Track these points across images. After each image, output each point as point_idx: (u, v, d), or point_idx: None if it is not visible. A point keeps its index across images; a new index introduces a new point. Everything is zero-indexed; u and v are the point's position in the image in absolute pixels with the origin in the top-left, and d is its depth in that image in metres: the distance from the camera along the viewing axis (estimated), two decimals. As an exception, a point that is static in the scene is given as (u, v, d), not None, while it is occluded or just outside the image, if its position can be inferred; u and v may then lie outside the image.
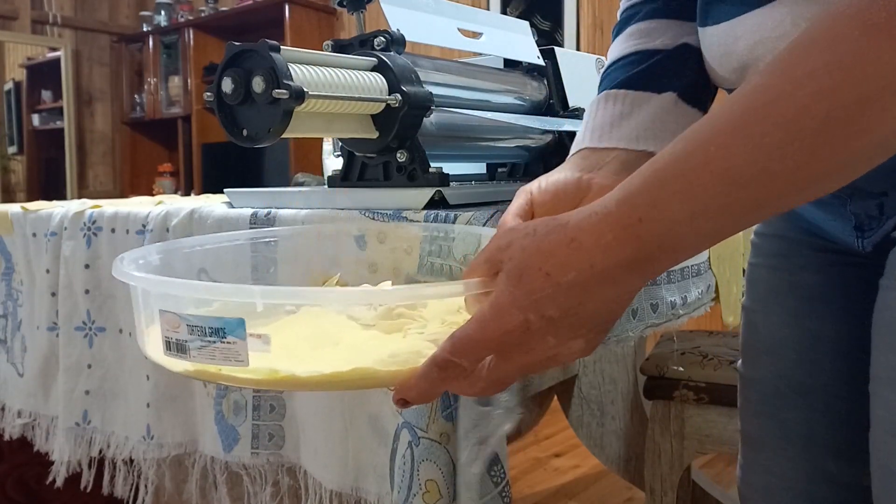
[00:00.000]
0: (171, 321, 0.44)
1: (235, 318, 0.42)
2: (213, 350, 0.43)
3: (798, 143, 0.39)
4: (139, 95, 4.35)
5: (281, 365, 0.45)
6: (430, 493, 0.65)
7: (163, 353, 0.46)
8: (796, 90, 0.39)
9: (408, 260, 0.69)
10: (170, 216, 0.90)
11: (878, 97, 0.38)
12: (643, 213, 0.41)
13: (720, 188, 0.41)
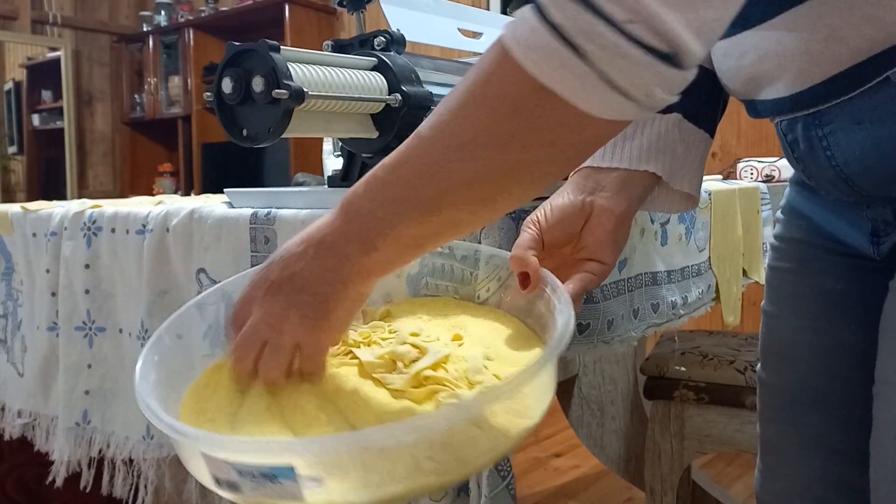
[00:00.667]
0: (217, 464, 0.44)
1: (285, 467, 0.42)
2: (266, 490, 0.43)
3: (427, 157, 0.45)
4: (139, 95, 4.35)
5: (336, 496, 0.45)
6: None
7: (213, 486, 0.46)
8: (456, 94, 0.44)
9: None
10: (170, 216, 0.90)
11: (533, 107, 0.42)
12: (347, 198, 0.48)
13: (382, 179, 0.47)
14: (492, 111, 0.43)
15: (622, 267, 0.81)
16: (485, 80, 0.43)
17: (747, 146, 2.45)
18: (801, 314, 0.70)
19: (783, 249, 0.74)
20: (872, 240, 0.63)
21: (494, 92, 0.42)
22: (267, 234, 0.81)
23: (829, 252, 0.69)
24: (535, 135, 0.43)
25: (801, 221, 0.72)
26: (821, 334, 0.69)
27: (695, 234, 0.99)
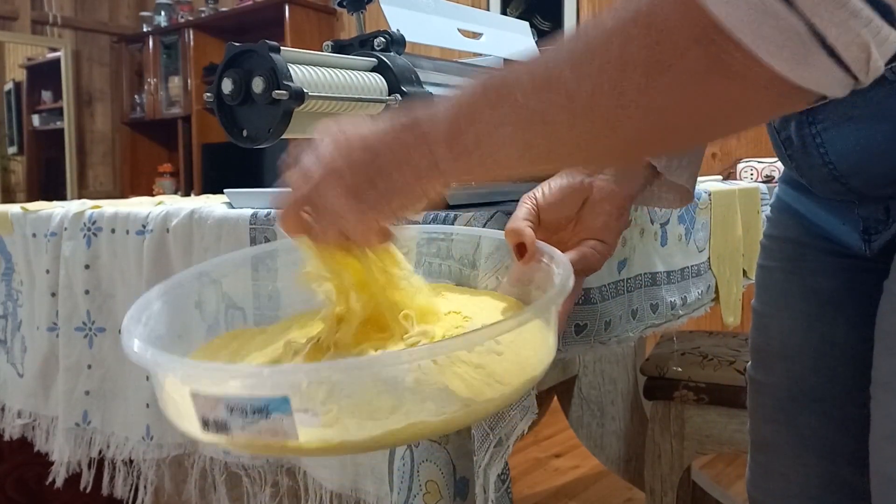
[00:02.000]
0: (206, 402, 0.42)
1: (279, 397, 0.41)
2: (258, 428, 0.41)
3: (574, 105, 0.38)
4: (139, 96, 4.35)
5: (332, 433, 0.43)
6: (430, 494, 0.65)
7: (200, 431, 0.43)
8: (582, 50, 0.38)
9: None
10: (170, 216, 0.90)
11: (666, 63, 0.35)
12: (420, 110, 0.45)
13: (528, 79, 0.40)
14: (649, 57, 0.35)
15: (621, 267, 0.81)
16: (647, 12, 0.34)
17: (747, 147, 2.45)
18: (793, 313, 0.70)
19: (773, 248, 0.73)
20: (864, 238, 0.62)
21: (657, 27, 0.34)
22: (267, 234, 0.81)
23: (821, 251, 0.69)
24: (701, 93, 0.35)
25: (791, 220, 0.71)
26: (814, 333, 0.68)
27: (694, 234, 0.99)
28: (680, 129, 0.38)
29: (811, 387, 0.68)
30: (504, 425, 0.62)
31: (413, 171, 0.45)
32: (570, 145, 0.41)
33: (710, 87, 0.34)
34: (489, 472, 0.62)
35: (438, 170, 0.45)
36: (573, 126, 0.39)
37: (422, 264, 0.68)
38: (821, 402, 0.68)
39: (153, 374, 0.47)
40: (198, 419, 0.43)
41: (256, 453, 0.44)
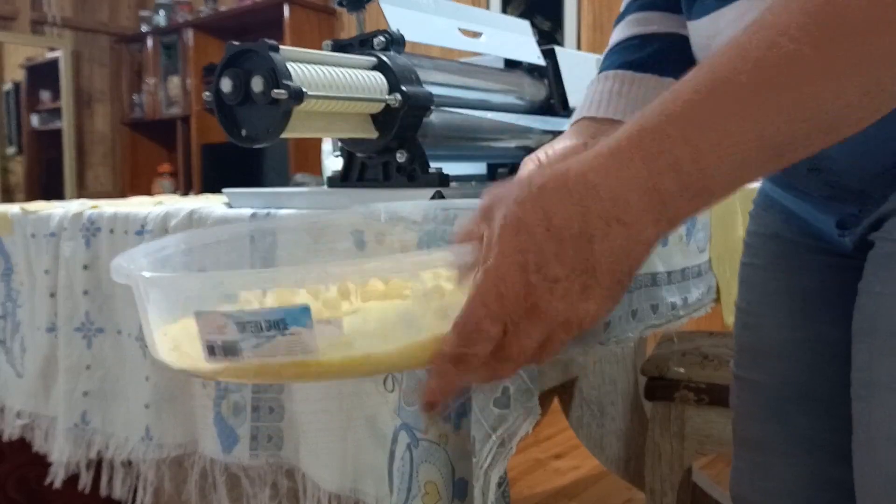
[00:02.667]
0: (212, 321, 0.38)
1: (298, 307, 0.37)
2: (273, 346, 0.37)
3: (825, 26, 0.34)
4: (139, 96, 4.35)
5: (356, 349, 0.39)
6: (429, 495, 0.65)
7: (203, 360, 0.39)
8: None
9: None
10: (169, 217, 0.90)
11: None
12: (653, 128, 0.36)
13: (754, 90, 0.35)
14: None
15: (622, 267, 0.81)
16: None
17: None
18: (778, 311, 0.69)
19: (757, 245, 0.73)
20: (840, 232, 0.62)
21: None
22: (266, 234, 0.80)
23: (804, 248, 0.68)
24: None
25: (774, 215, 0.71)
26: (801, 331, 0.68)
27: (695, 234, 0.98)
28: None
29: (799, 384, 0.68)
30: (507, 426, 0.62)
31: (637, 249, 0.38)
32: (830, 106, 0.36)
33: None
34: (490, 474, 0.62)
35: (662, 215, 0.37)
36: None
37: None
38: (809, 399, 0.68)
39: (145, 299, 0.42)
40: (202, 345, 0.39)
41: (266, 381, 0.40)
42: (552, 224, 0.37)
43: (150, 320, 0.42)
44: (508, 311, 0.38)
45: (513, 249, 0.37)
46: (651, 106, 0.38)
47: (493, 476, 0.62)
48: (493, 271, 0.38)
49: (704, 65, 0.37)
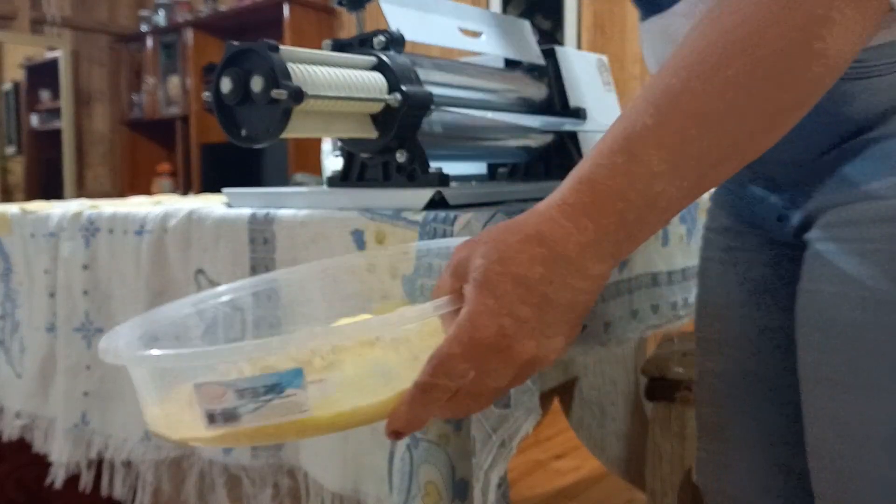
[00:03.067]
0: (212, 391, 0.41)
1: (292, 370, 0.40)
2: (270, 409, 0.40)
3: (760, 70, 0.40)
4: (138, 95, 4.35)
5: (345, 404, 0.42)
6: (429, 496, 0.65)
7: (204, 428, 0.42)
8: (746, 20, 0.41)
9: (405, 260, 0.69)
10: (168, 217, 0.89)
11: (826, 15, 0.39)
12: (596, 194, 0.43)
13: (692, 131, 0.42)
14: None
15: (622, 267, 0.81)
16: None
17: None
18: (731, 302, 0.71)
19: (712, 240, 0.75)
20: (779, 224, 0.65)
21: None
22: (266, 234, 0.80)
23: (753, 239, 0.70)
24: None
25: (726, 210, 0.73)
26: (751, 321, 0.70)
27: (695, 234, 0.98)
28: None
29: (754, 373, 0.70)
30: (507, 427, 0.62)
31: (589, 285, 0.44)
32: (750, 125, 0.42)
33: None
34: (490, 475, 0.62)
35: (610, 256, 0.44)
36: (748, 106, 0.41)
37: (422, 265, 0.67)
38: (763, 388, 0.70)
39: (142, 380, 0.45)
40: (202, 414, 0.41)
41: (262, 443, 0.44)
42: (517, 273, 0.43)
43: (142, 396, 0.45)
44: (482, 353, 0.43)
45: (484, 298, 0.43)
46: (592, 159, 0.44)
47: (493, 477, 0.61)
48: (468, 319, 0.43)
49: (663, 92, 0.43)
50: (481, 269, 0.43)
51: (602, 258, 0.44)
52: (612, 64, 2.63)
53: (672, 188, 0.43)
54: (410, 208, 0.71)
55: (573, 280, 0.43)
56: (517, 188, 0.85)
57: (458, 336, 0.43)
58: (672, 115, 0.42)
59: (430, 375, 0.43)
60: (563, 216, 0.43)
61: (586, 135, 1.00)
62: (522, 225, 0.44)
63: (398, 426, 0.44)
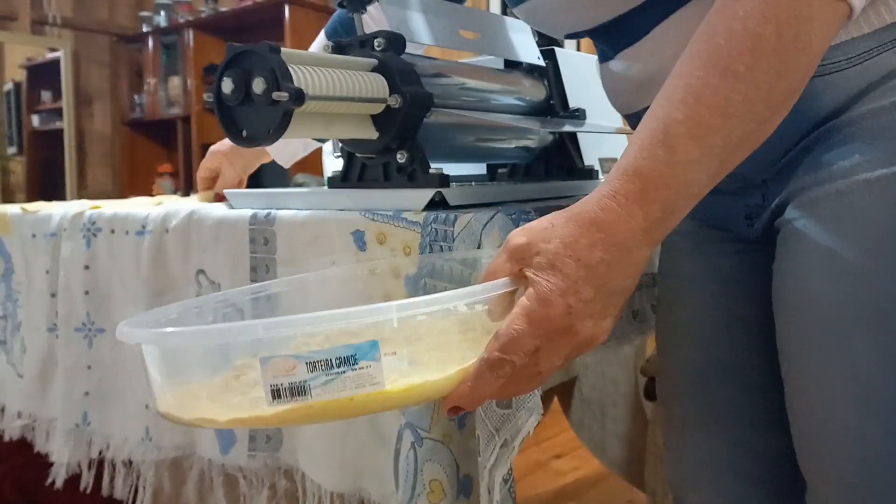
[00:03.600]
0: (280, 365, 0.41)
1: (367, 343, 0.40)
2: (342, 381, 0.41)
3: (764, 64, 0.47)
4: (138, 96, 4.35)
5: (415, 377, 0.43)
6: (433, 493, 0.65)
7: (266, 404, 0.41)
8: (745, 24, 0.47)
9: (406, 260, 0.69)
10: (169, 217, 0.90)
11: (809, 14, 0.46)
12: (642, 184, 0.48)
13: (717, 121, 0.47)
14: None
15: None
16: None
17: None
18: (700, 293, 0.75)
19: (676, 241, 0.77)
20: (747, 223, 0.68)
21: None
22: (266, 235, 0.80)
23: (715, 238, 0.74)
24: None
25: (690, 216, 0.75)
26: (720, 310, 0.73)
27: (696, 235, 0.98)
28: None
29: (718, 358, 0.73)
30: (510, 426, 0.62)
31: (635, 270, 0.50)
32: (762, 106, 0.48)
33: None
34: (494, 473, 0.62)
35: (652, 242, 0.50)
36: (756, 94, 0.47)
37: (424, 265, 0.67)
38: (727, 371, 0.72)
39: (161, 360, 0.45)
40: (266, 390, 0.41)
41: (321, 420, 0.43)
42: (580, 255, 0.47)
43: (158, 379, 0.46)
44: (548, 329, 0.47)
45: (554, 279, 0.47)
46: (633, 152, 0.49)
47: (497, 475, 0.62)
48: (538, 298, 0.47)
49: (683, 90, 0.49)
50: (548, 252, 0.48)
51: (648, 243, 0.49)
52: (612, 64, 2.62)
53: (703, 175, 0.48)
54: (411, 209, 0.71)
55: (626, 264, 0.48)
56: (517, 189, 0.85)
57: (527, 314, 0.47)
58: (698, 110, 0.47)
59: (500, 351, 0.46)
60: (617, 204, 0.48)
61: (586, 135, 1.00)
62: (579, 213, 0.49)
63: (462, 402, 0.47)
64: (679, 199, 0.49)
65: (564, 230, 0.48)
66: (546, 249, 0.48)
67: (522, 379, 0.49)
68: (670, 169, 0.47)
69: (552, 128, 0.94)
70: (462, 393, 0.47)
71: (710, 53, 0.48)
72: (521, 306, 0.47)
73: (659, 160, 0.48)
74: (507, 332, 0.47)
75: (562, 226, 0.48)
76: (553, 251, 0.47)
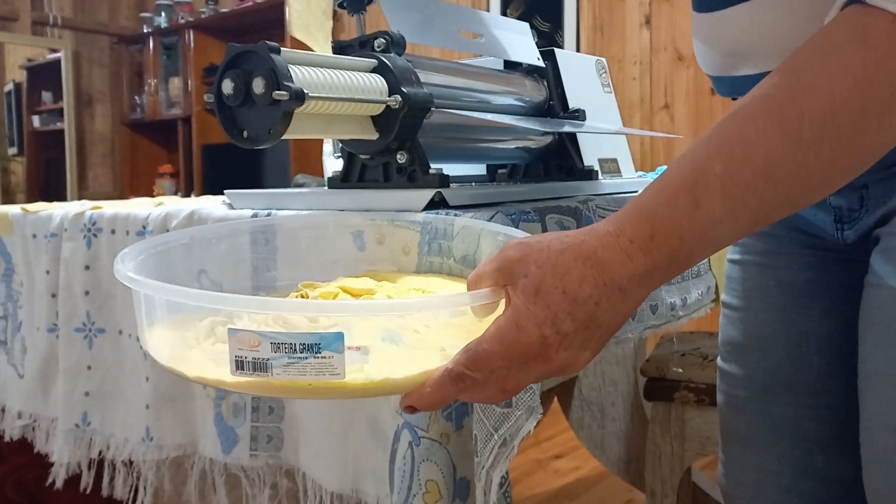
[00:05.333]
0: (247, 339, 0.41)
1: (334, 333, 0.41)
2: (303, 366, 0.41)
3: (836, 136, 0.41)
4: (139, 97, 4.35)
5: (376, 374, 0.44)
6: (430, 494, 0.65)
7: (230, 373, 0.42)
8: (832, 84, 0.41)
9: (406, 260, 0.69)
10: (170, 217, 0.90)
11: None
12: (655, 229, 0.44)
13: (759, 184, 0.42)
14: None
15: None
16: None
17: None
18: (768, 305, 0.71)
19: (747, 243, 0.74)
20: (836, 227, 0.63)
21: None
22: (267, 235, 0.80)
23: (795, 243, 0.69)
24: None
25: None
26: (789, 325, 0.69)
27: (695, 235, 0.99)
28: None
29: (785, 377, 0.69)
30: (509, 426, 0.62)
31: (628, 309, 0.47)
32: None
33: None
34: (492, 474, 0.62)
35: (654, 284, 0.47)
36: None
37: (423, 263, 0.68)
38: (794, 391, 0.69)
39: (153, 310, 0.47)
40: (230, 359, 0.42)
41: (282, 395, 0.45)
42: (568, 288, 0.44)
43: (146, 320, 0.46)
44: (519, 354, 0.45)
45: (534, 306, 0.45)
46: (655, 193, 0.45)
47: (494, 476, 0.62)
48: (514, 322, 0.45)
49: (734, 141, 0.44)
50: (535, 277, 0.45)
51: (648, 285, 0.46)
52: (610, 66, 2.63)
53: (727, 233, 0.45)
54: (411, 209, 0.71)
55: (619, 304, 0.45)
56: (517, 189, 0.85)
57: (500, 336, 0.45)
58: (742, 168, 0.43)
59: (466, 366, 0.45)
60: (620, 246, 0.45)
61: (585, 136, 1.00)
62: (580, 243, 0.46)
63: (418, 403, 0.46)
64: (693, 252, 0.45)
65: (559, 258, 0.45)
66: (534, 273, 0.45)
67: (486, 392, 0.47)
68: (689, 223, 0.44)
69: (552, 128, 0.94)
70: (421, 395, 0.46)
71: (780, 105, 0.42)
72: (496, 325, 0.46)
73: (679, 210, 0.44)
74: (475, 349, 0.45)
75: (557, 252, 0.46)
76: (541, 277, 0.45)
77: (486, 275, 0.48)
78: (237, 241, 0.83)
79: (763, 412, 0.71)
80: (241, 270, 0.82)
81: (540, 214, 0.74)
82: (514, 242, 0.48)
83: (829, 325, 0.66)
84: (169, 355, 0.47)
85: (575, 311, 0.45)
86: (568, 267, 0.45)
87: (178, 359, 0.46)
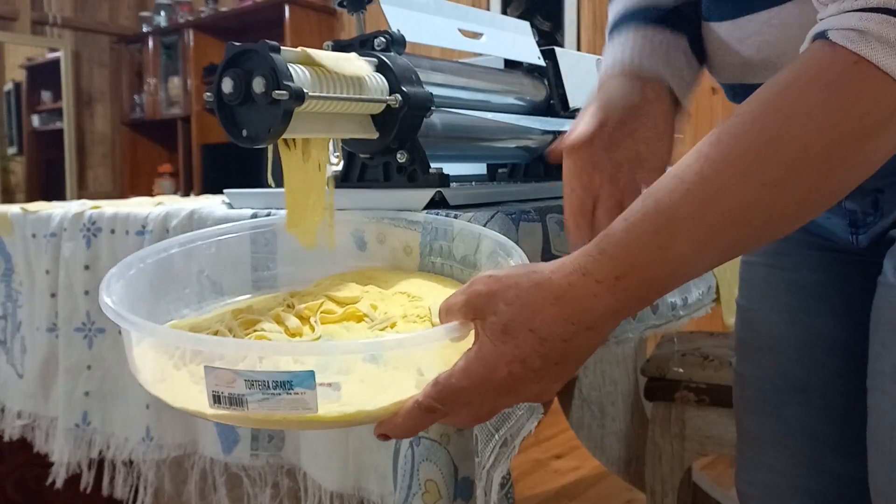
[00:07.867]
0: (222, 377, 0.42)
1: (305, 371, 0.42)
2: (277, 402, 0.42)
3: (804, 177, 0.42)
4: (139, 96, 4.35)
5: (349, 407, 0.45)
6: (429, 494, 0.65)
7: (208, 406, 0.44)
8: (796, 129, 0.41)
9: (407, 260, 0.69)
10: (169, 217, 0.90)
11: (875, 131, 0.40)
12: (622, 270, 0.44)
13: (727, 228, 0.43)
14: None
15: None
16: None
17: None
18: (777, 307, 0.71)
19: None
20: (851, 231, 0.63)
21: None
22: (267, 235, 0.80)
23: (804, 245, 0.69)
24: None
25: None
26: (799, 326, 0.69)
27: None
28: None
29: (796, 378, 0.70)
30: (510, 425, 0.62)
31: (596, 343, 0.47)
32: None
33: None
34: (492, 474, 0.62)
35: (622, 318, 0.47)
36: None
37: (425, 264, 0.68)
38: (805, 392, 0.69)
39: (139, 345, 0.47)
40: (208, 393, 0.43)
41: (261, 427, 0.47)
42: (535, 326, 0.45)
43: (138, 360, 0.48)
44: (488, 389, 0.46)
45: (502, 344, 0.45)
46: (624, 231, 0.45)
47: (495, 476, 0.62)
48: (483, 359, 0.46)
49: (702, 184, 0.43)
50: (504, 315, 0.46)
51: (617, 321, 0.47)
52: (612, 65, 2.63)
53: (697, 269, 0.46)
54: (411, 209, 0.71)
55: (588, 341, 0.46)
56: (517, 188, 0.85)
57: (469, 372, 0.46)
58: (708, 213, 0.43)
59: (435, 400, 0.46)
60: (588, 285, 0.45)
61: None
62: (548, 282, 0.46)
63: (390, 432, 0.48)
64: (660, 289, 0.46)
65: (528, 296, 0.45)
66: (503, 312, 0.45)
67: (459, 419, 0.48)
68: (655, 262, 0.44)
69: (552, 128, 0.94)
70: (394, 424, 0.47)
71: (745, 151, 0.42)
72: (465, 360, 0.46)
73: (645, 252, 0.44)
74: (445, 383, 0.46)
75: (527, 290, 0.46)
76: (510, 316, 0.45)
77: (454, 307, 0.49)
78: (237, 241, 0.83)
79: (774, 413, 0.71)
80: (240, 270, 0.82)
81: (540, 214, 0.74)
82: (484, 276, 0.48)
83: (841, 326, 0.66)
84: (153, 379, 0.49)
85: (544, 350, 0.45)
86: (538, 306, 0.45)
87: (163, 382, 0.48)
